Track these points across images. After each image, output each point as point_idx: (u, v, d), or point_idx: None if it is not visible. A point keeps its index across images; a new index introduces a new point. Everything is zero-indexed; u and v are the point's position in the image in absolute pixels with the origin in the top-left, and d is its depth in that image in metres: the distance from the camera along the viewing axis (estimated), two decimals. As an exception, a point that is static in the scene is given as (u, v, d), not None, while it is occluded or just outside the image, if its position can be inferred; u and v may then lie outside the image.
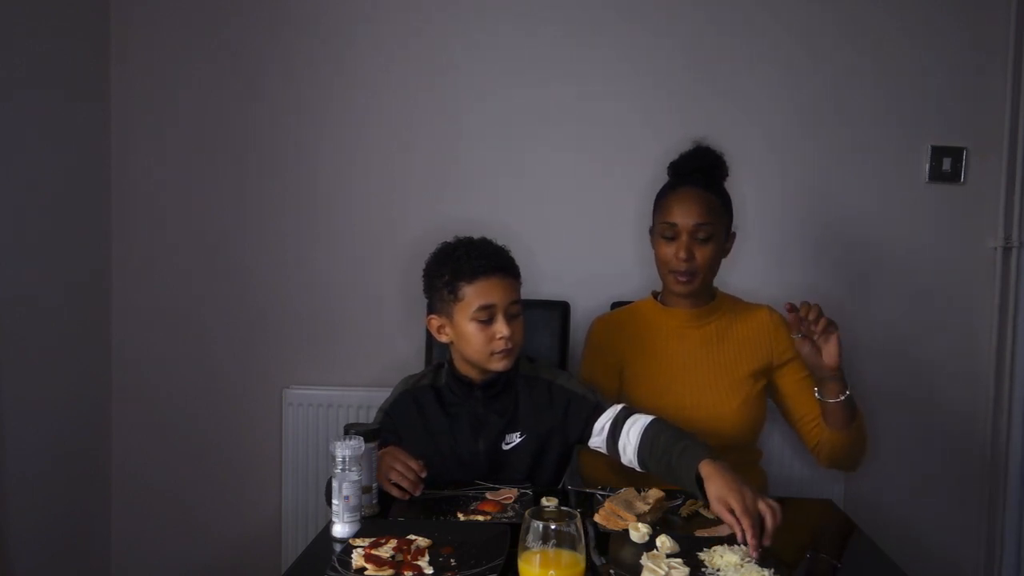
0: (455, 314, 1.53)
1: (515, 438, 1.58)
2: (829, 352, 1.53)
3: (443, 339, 1.59)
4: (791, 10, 2.14)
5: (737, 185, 1.79)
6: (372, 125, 2.18)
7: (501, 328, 1.50)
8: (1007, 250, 2.14)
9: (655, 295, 1.83)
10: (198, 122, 2.19)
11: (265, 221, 2.20)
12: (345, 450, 1.28)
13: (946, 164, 2.15)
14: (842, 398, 1.58)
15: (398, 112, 2.17)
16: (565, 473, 1.65)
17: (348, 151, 2.18)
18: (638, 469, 1.48)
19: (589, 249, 2.18)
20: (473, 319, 1.50)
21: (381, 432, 1.44)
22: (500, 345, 1.50)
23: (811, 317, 1.51)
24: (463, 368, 1.59)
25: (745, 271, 2.08)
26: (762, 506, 1.24)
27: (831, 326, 1.53)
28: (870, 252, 2.18)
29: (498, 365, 1.52)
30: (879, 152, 2.16)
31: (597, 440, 1.55)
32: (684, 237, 1.66)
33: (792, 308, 1.52)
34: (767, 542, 1.21)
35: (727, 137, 1.83)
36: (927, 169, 2.16)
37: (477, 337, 1.51)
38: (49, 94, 1.95)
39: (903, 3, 2.14)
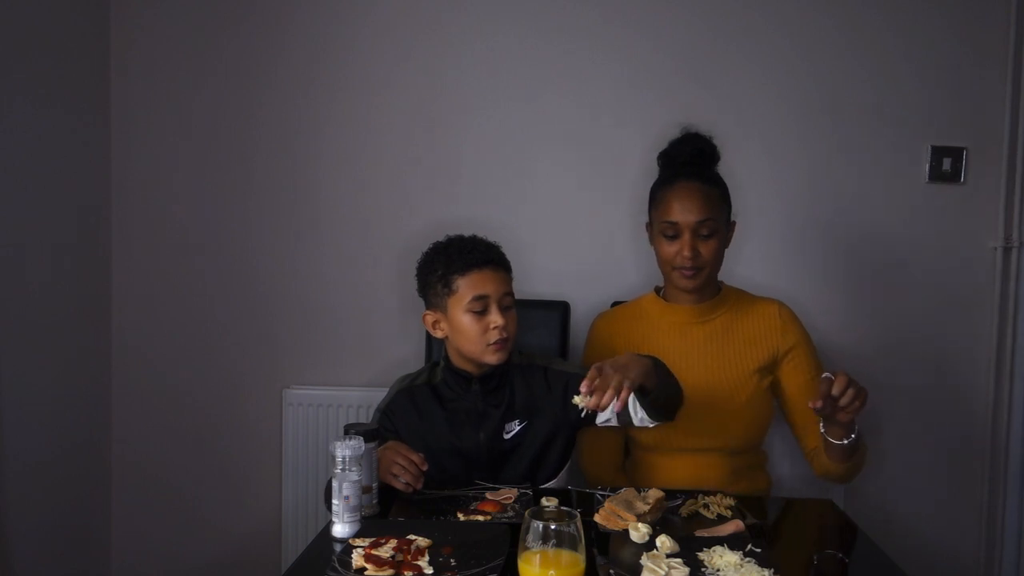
0: (450, 307, 1.54)
1: (515, 426, 1.58)
2: (844, 419, 1.44)
3: (438, 334, 1.60)
4: (790, 11, 2.13)
5: (735, 186, 1.78)
6: (373, 128, 2.17)
7: (495, 318, 1.52)
8: (1007, 250, 2.14)
9: (657, 290, 1.81)
10: (198, 123, 2.18)
11: (265, 221, 2.19)
12: (345, 450, 1.28)
13: (946, 164, 2.15)
14: (846, 442, 1.50)
15: (399, 116, 2.17)
16: (567, 462, 1.65)
17: (349, 153, 2.18)
18: (650, 424, 1.47)
19: (589, 249, 2.18)
20: (468, 311, 1.52)
21: (381, 432, 1.44)
22: (495, 335, 1.52)
23: (843, 403, 1.39)
24: (459, 363, 1.59)
25: (746, 273, 2.07)
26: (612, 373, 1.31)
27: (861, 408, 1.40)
28: (870, 252, 2.17)
29: (492, 358, 1.54)
30: (879, 152, 2.16)
31: (606, 413, 1.52)
32: (687, 235, 1.63)
33: (827, 390, 1.37)
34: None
35: (726, 138, 1.82)
36: (927, 169, 2.15)
37: (472, 328, 1.52)
38: (50, 95, 1.94)
39: (903, 3, 2.14)
